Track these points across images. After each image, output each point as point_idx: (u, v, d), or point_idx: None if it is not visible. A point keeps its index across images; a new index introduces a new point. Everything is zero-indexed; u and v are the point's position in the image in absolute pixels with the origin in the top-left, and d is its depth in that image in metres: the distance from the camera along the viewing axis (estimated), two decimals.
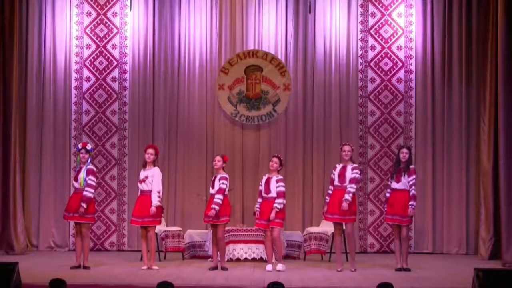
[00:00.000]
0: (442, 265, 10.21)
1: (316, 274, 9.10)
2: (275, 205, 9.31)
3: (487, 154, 11.09)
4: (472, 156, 11.68)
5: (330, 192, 9.52)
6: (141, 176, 9.60)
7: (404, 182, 9.41)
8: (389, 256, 10.97)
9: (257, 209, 9.49)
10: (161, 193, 9.62)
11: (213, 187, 9.53)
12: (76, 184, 9.50)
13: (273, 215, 9.27)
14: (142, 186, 9.57)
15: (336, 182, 9.44)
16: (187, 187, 11.86)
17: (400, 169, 9.47)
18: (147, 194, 9.52)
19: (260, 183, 9.62)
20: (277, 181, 9.42)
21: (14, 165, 11.10)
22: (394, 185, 9.48)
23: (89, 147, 9.64)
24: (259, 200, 9.55)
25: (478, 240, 11.21)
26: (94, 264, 9.58)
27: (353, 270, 9.32)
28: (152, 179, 9.51)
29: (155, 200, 9.46)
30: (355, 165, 9.57)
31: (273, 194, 9.39)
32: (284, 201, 9.46)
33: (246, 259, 10.34)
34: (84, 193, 9.35)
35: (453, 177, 11.72)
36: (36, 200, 11.75)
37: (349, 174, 9.38)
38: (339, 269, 9.32)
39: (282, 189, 9.41)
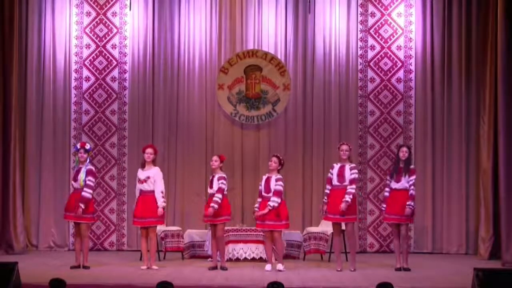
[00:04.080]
0: (442, 265, 10.20)
1: (315, 274, 9.10)
2: (269, 203, 9.30)
3: (486, 153, 11.08)
4: (472, 156, 11.67)
5: (327, 191, 9.48)
6: (142, 177, 9.54)
7: (403, 182, 9.42)
8: (388, 256, 10.96)
9: (256, 208, 9.49)
10: (164, 193, 9.62)
11: (211, 187, 9.51)
12: (75, 184, 9.49)
13: (265, 212, 9.27)
14: (144, 187, 9.52)
15: (335, 182, 9.42)
16: (186, 187, 11.87)
17: (401, 169, 9.46)
18: (148, 194, 9.49)
19: (260, 183, 9.60)
20: (276, 180, 9.41)
21: (13, 165, 11.09)
22: (394, 185, 9.48)
23: (87, 146, 9.61)
24: (259, 200, 9.55)
25: (477, 240, 11.20)
26: (93, 264, 9.58)
27: (352, 270, 9.32)
28: (154, 179, 9.51)
29: (161, 201, 9.48)
30: (353, 164, 9.54)
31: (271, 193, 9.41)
32: (279, 200, 9.34)
33: (245, 259, 10.33)
34: (83, 193, 9.34)
35: (453, 177, 11.71)
36: (35, 200, 11.75)
37: (348, 174, 9.36)
38: (338, 269, 9.32)
39: (279, 188, 9.38)
